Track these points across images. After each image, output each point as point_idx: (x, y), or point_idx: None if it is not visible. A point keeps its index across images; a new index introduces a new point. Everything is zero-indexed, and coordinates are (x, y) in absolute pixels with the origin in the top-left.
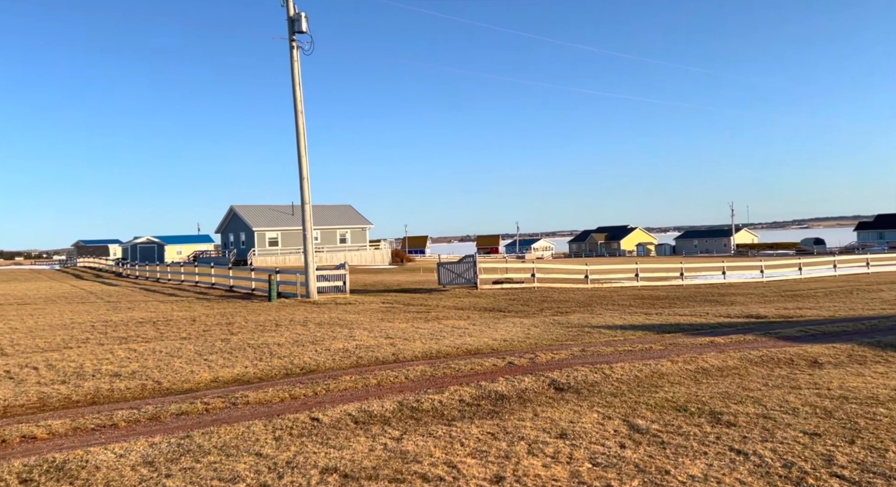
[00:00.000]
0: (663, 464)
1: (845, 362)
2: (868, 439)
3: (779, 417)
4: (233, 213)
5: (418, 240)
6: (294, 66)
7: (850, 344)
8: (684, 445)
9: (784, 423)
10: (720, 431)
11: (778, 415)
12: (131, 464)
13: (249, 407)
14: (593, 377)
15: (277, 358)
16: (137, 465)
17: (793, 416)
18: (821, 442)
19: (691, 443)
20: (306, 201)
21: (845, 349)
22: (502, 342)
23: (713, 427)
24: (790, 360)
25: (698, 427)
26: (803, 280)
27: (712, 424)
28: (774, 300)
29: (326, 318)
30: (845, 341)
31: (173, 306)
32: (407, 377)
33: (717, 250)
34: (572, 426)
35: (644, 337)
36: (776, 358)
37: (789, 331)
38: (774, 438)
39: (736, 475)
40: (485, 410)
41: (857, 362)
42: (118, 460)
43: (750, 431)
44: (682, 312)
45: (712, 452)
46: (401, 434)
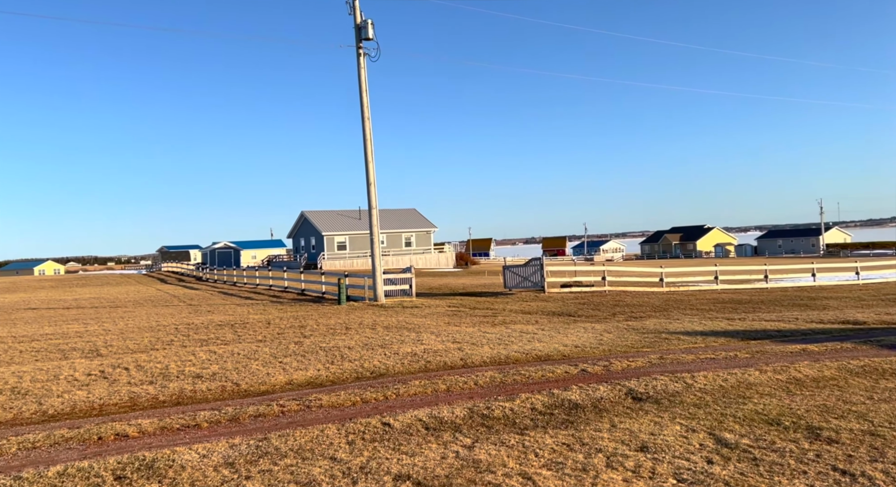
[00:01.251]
0: (756, 483)
1: None
2: None
3: (889, 434)
4: (303, 218)
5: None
6: (361, 72)
7: None
8: (779, 462)
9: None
10: (820, 448)
11: (888, 432)
12: (213, 465)
13: (323, 410)
14: (674, 386)
15: (348, 361)
16: (219, 466)
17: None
18: None
19: (787, 461)
20: (373, 206)
21: None
22: (573, 348)
23: (811, 444)
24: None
25: (794, 443)
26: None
27: (810, 440)
28: (874, 305)
29: (394, 321)
30: None
31: (249, 309)
32: (476, 382)
33: (804, 251)
34: (653, 438)
35: (727, 344)
36: (881, 369)
37: (893, 339)
38: (885, 458)
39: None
40: (558, 419)
41: None
42: (201, 460)
43: (856, 449)
44: (769, 317)
45: (812, 471)
46: (472, 442)
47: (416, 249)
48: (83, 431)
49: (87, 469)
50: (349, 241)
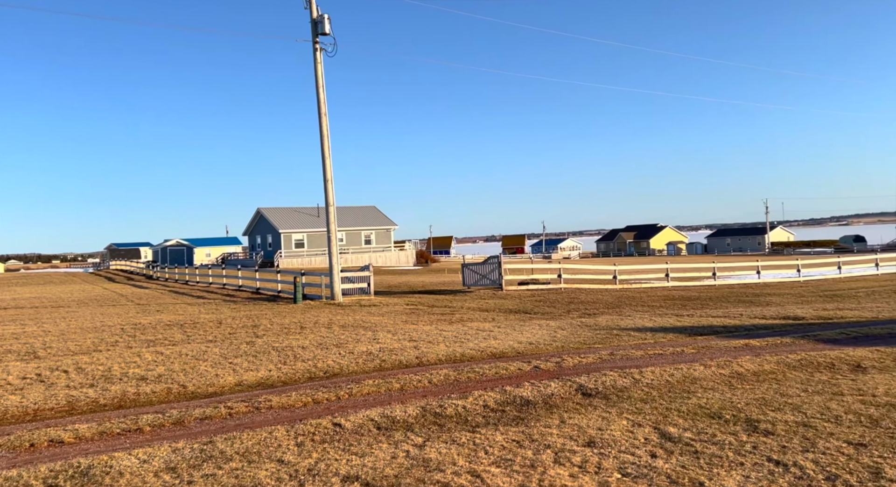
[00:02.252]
0: (697, 476)
1: (891, 366)
2: None
3: (820, 425)
4: (259, 215)
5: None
6: (317, 68)
7: (895, 347)
8: (719, 455)
9: (826, 432)
10: (757, 440)
11: (819, 423)
12: (154, 470)
13: (273, 412)
14: (622, 382)
15: (301, 362)
16: (160, 471)
17: (835, 425)
18: (867, 453)
19: (726, 453)
20: (331, 203)
21: (891, 352)
22: (528, 345)
23: (750, 436)
24: (831, 364)
25: (734, 436)
26: (843, 280)
27: (749, 432)
28: (812, 301)
29: (350, 320)
30: (890, 344)
31: (200, 308)
32: (430, 381)
33: (750, 249)
34: (600, 433)
35: (675, 340)
36: (816, 362)
37: (829, 333)
38: (816, 448)
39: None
40: (510, 416)
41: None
42: (142, 466)
43: (789, 440)
44: (715, 313)
45: (749, 463)
46: (424, 441)
47: (375, 247)
48: (13, 438)
49: (16, 477)
50: (307, 239)
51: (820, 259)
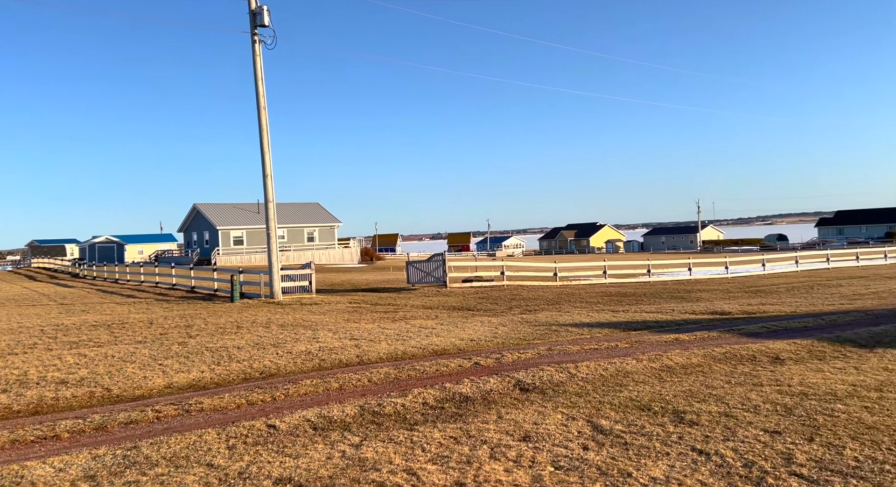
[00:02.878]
0: (625, 466)
1: (806, 358)
2: (826, 436)
3: (741, 415)
4: (196, 211)
5: (389, 238)
6: (256, 60)
7: (810, 340)
8: (647, 446)
9: (746, 421)
10: (683, 430)
11: (740, 413)
12: (71, 479)
13: (204, 415)
14: (559, 376)
15: (236, 362)
16: (78, 480)
17: (754, 414)
18: (781, 440)
19: (654, 444)
20: (270, 199)
21: (806, 344)
22: (469, 341)
23: (676, 427)
24: (753, 357)
25: (661, 427)
26: (767, 276)
27: (675, 423)
28: (739, 296)
29: (290, 319)
30: (806, 336)
31: (130, 308)
32: (370, 379)
33: (683, 247)
34: (536, 428)
35: (610, 335)
36: (739, 355)
37: (752, 327)
38: (736, 437)
39: (697, 476)
40: (448, 413)
41: (817, 358)
42: (57, 475)
43: (712, 430)
44: (649, 309)
45: (674, 452)
46: (360, 441)
47: (318, 244)
48: None
49: None
50: (246, 236)
51: (746, 257)
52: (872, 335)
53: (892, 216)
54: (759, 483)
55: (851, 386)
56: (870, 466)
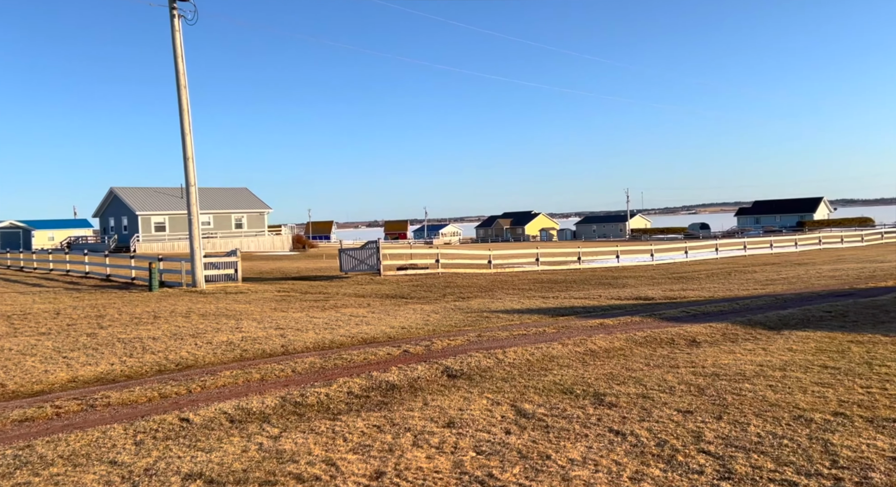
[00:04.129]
0: (545, 449)
1: (720, 340)
2: (733, 414)
3: (657, 396)
4: (113, 195)
5: (323, 225)
6: (175, 36)
7: (724, 323)
8: (567, 428)
9: (661, 402)
10: (602, 412)
11: (656, 394)
12: None
13: (110, 409)
14: (486, 362)
15: (150, 354)
16: None
17: (669, 395)
18: (692, 419)
19: (574, 426)
20: (192, 183)
21: (720, 328)
22: (400, 329)
23: (596, 409)
24: (671, 340)
25: (582, 410)
26: (689, 263)
27: (595, 405)
28: (662, 282)
29: (213, 308)
30: (721, 320)
31: (35, 297)
32: (294, 370)
33: (613, 235)
34: (461, 414)
35: (539, 321)
36: (659, 338)
37: (672, 312)
38: (651, 417)
39: (613, 456)
40: (374, 402)
41: (730, 340)
42: None
43: (629, 411)
44: (578, 295)
45: (593, 434)
46: (280, 432)
47: (247, 231)
48: None
49: None
50: (169, 222)
51: (670, 244)
52: (780, 318)
53: (804, 207)
54: (670, 461)
55: (759, 366)
56: (770, 441)
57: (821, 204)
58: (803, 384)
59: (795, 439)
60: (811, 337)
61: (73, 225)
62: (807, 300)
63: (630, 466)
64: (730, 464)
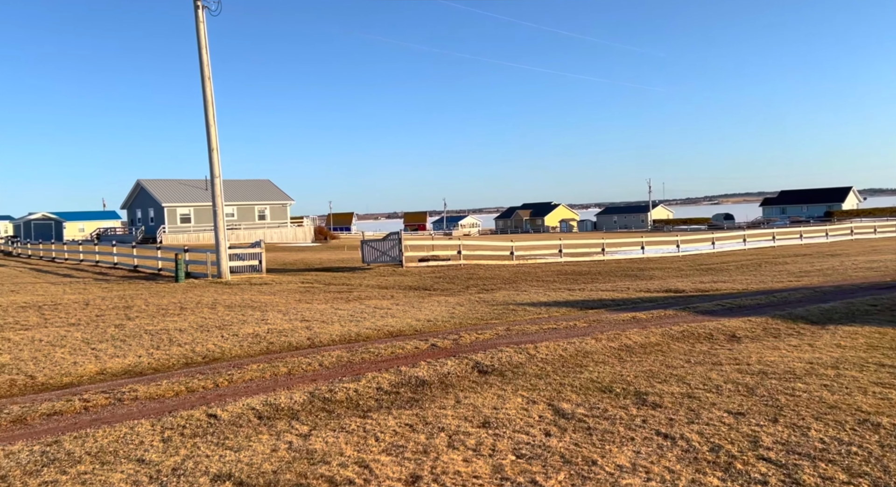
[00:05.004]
0: (590, 453)
1: (761, 335)
2: (790, 417)
3: (703, 396)
4: (140, 188)
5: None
6: (199, 27)
7: (764, 317)
8: (611, 430)
9: (709, 402)
10: (646, 413)
11: (702, 394)
12: None
13: (138, 403)
14: (518, 357)
15: (177, 346)
16: None
17: (716, 395)
18: (745, 422)
19: (618, 428)
20: (216, 175)
21: (760, 322)
22: (426, 322)
23: (639, 410)
24: (710, 335)
25: (624, 410)
26: (716, 254)
27: (638, 406)
28: (691, 274)
29: (238, 300)
30: (759, 314)
31: (66, 288)
32: (321, 363)
33: (635, 226)
34: (496, 413)
35: (568, 314)
36: (696, 333)
37: (706, 305)
38: (700, 419)
39: (664, 462)
40: (404, 398)
41: (772, 335)
42: None
43: (676, 412)
44: (604, 287)
45: (639, 437)
46: (310, 430)
47: (270, 222)
48: None
49: None
50: (194, 213)
51: (696, 236)
52: (823, 312)
53: (832, 196)
54: (728, 469)
55: (808, 364)
56: (836, 448)
57: (850, 194)
58: (861, 384)
59: (865, 446)
60: (859, 332)
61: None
62: (848, 293)
63: (685, 474)
64: (796, 474)
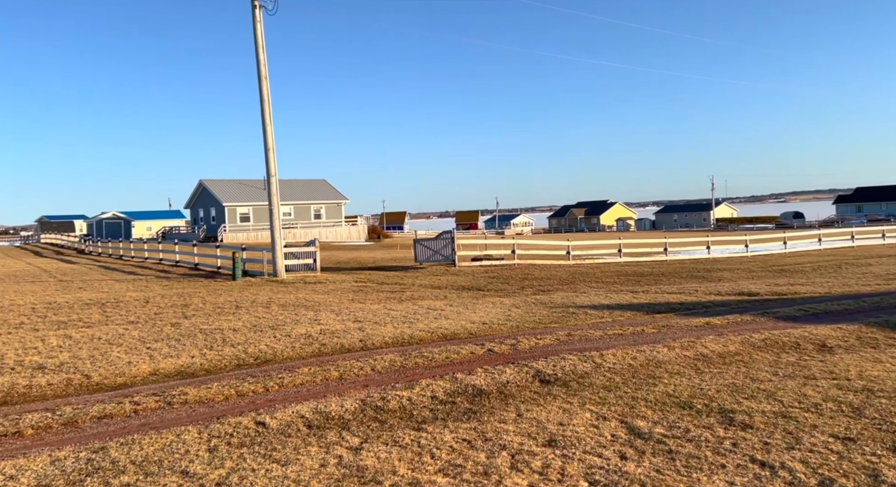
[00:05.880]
0: (675, 483)
1: (857, 345)
2: None
3: (800, 416)
4: (202, 188)
5: (396, 216)
6: (256, 27)
7: (856, 324)
8: (696, 455)
9: (808, 424)
10: (736, 435)
11: (799, 414)
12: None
13: (187, 408)
14: (583, 366)
15: (230, 346)
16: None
17: (816, 415)
18: (858, 450)
19: (704, 453)
20: (272, 174)
21: (853, 330)
22: (481, 325)
23: (726, 430)
24: (796, 344)
25: (709, 430)
26: (789, 254)
27: (725, 425)
28: (763, 276)
29: (292, 299)
30: (850, 320)
31: (129, 285)
32: (374, 368)
33: (696, 225)
34: (562, 429)
35: (634, 318)
36: (780, 342)
37: (787, 310)
38: (801, 445)
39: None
40: (461, 409)
41: (870, 345)
42: (5, 484)
43: (770, 435)
44: (670, 289)
45: (731, 465)
46: (361, 443)
47: (325, 221)
48: None
49: None
50: (253, 212)
51: (766, 235)
52: None
53: None
54: None
55: None
56: None
57: None
58: None
59: None
60: None
61: (168, 216)
62: None
63: None
64: None
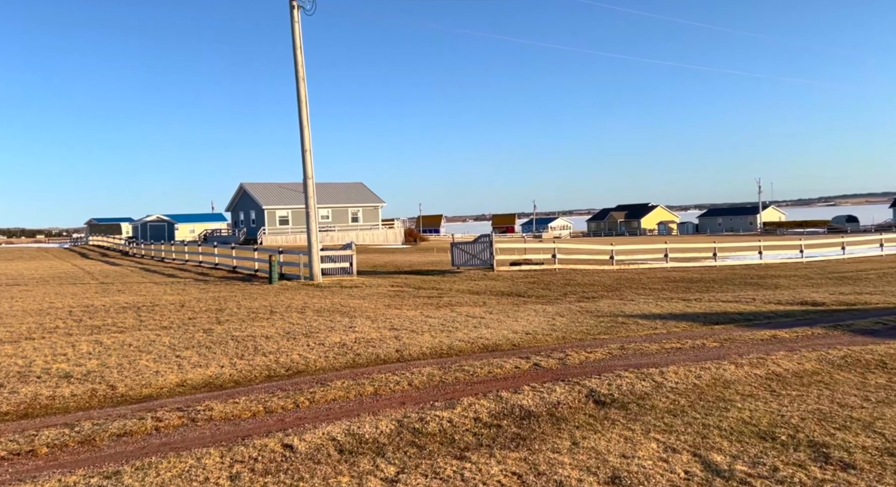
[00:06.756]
0: None
1: None
2: None
3: None
4: (243, 191)
5: (433, 219)
6: (294, 27)
7: None
8: None
9: None
10: (836, 477)
11: None
12: None
13: (211, 425)
14: (641, 385)
15: (261, 355)
16: None
17: None
18: None
19: None
20: (309, 176)
21: None
22: (524, 335)
23: (823, 470)
24: (882, 362)
25: (802, 470)
26: (847, 260)
27: (820, 463)
28: (824, 284)
29: (327, 304)
30: None
31: (167, 288)
32: (411, 382)
33: (742, 229)
34: (626, 463)
35: (691, 330)
36: (864, 360)
37: (863, 323)
38: None
39: None
40: (507, 434)
41: None
42: None
43: (881, 478)
44: (725, 297)
45: None
46: (397, 473)
47: (363, 224)
48: None
49: None
50: (292, 215)
51: (822, 239)
52: None
53: None
54: None
55: None
56: None
57: None
58: None
59: None
60: None
61: (210, 219)
62: None
63: None
64: None
